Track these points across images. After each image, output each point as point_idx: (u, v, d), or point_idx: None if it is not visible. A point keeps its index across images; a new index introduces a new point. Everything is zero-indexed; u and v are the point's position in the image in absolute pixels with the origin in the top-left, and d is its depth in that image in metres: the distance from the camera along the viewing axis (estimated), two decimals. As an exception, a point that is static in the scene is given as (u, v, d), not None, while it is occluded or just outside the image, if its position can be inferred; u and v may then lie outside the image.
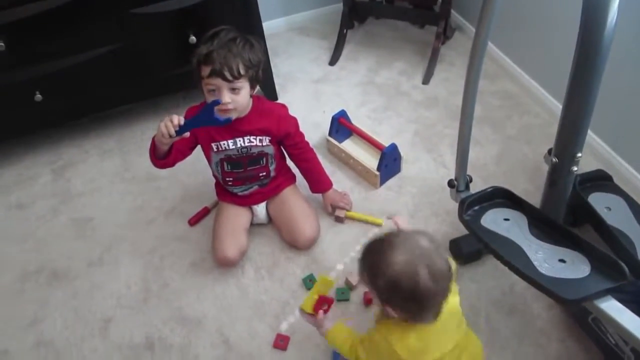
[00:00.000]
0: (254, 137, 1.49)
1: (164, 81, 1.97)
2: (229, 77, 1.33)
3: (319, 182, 1.68)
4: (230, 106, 1.37)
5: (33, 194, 1.89)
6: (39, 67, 1.76)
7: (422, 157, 1.89)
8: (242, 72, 1.34)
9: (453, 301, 1.05)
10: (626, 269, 1.08)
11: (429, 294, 0.95)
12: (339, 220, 1.69)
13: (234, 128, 1.46)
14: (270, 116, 1.50)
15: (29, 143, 2.05)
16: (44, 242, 1.73)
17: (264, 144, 1.51)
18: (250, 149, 1.51)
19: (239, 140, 1.49)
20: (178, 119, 1.28)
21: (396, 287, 0.95)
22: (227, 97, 1.35)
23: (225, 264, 1.57)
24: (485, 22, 1.14)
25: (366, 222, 1.69)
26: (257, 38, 1.42)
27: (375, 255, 1.00)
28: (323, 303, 1.27)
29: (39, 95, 1.78)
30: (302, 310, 1.29)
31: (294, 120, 1.58)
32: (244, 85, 1.37)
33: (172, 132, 1.28)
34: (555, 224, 1.26)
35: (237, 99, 1.38)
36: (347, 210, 1.69)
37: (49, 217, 1.81)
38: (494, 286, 1.49)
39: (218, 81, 1.33)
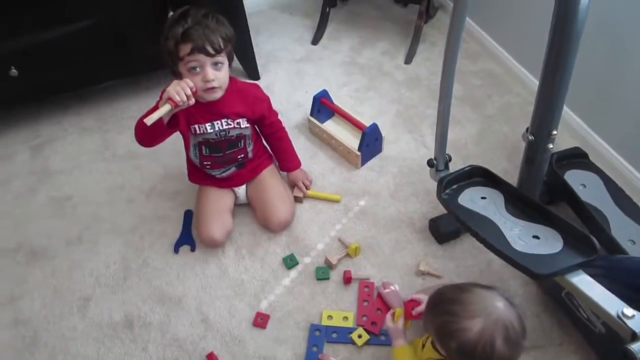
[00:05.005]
0: (231, 119, 1.48)
1: (144, 58, 1.94)
2: (212, 52, 1.31)
3: (288, 161, 1.69)
4: (215, 84, 1.36)
5: (10, 172, 1.86)
6: (14, 41, 1.71)
7: (403, 137, 1.89)
8: (222, 46, 1.33)
9: None
10: (596, 243, 1.10)
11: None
12: (297, 200, 1.69)
13: (211, 110, 1.44)
14: (246, 98, 1.49)
15: (6, 120, 2.01)
16: (22, 220, 1.71)
17: (242, 126, 1.50)
18: (229, 132, 1.49)
19: (217, 124, 1.47)
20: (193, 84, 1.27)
21: (470, 354, 0.92)
22: (211, 73, 1.34)
23: (211, 245, 1.57)
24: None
25: (325, 199, 1.70)
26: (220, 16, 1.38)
27: (447, 316, 0.95)
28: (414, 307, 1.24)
29: (14, 70, 1.74)
30: (393, 315, 1.28)
31: (267, 100, 1.58)
32: (224, 60, 1.36)
33: (189, 93, 1.25)
34: (530, 201, 1.27)
35: (220, 75, 1.36)
36: (306, 190, 1.69)
37: (27, 196, 1.78)
38: (472, 264, 1.52)
39: (201, 57, 1.31)
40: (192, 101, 1.28)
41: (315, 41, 2.30)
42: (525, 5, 1.90)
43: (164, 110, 1.25)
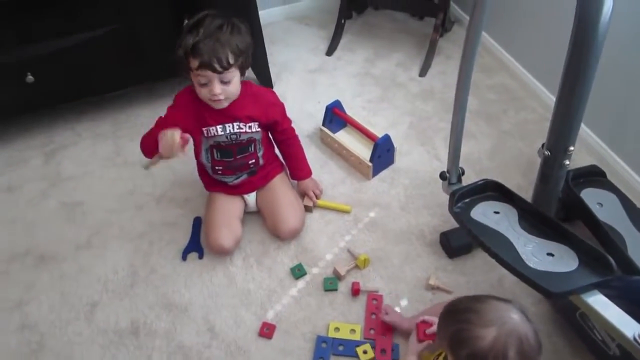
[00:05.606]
0: (243, 123, 1.48)
1: (159, 66, 1.94)
2: (219, 69, 1.31)
3: (299, 169, 1.67)
4: (221, 97, 1.36)
5: (23, 177, 1.87)
6: (31, 48, 1.74)
7: (416, 150, 1.87)
8: (231, 61, 1.32)
9: None
10: (613, 263, 1.07)
11: None
12: (307, 209, 1.67)
13: (223, 113, 1.44)
14: (259, 102, 1.49)
15: (21, 125, 2.03)
16: (33, 225, 1.72)
17: (253, 130, 1.50)
18: (240, 136, 1.49)
19: (228, 127, 1.47)
20: (183, 136, 1.33)
21: None
22: (217, 88, 1.34)
23: (220, 253, 1.56)
24: (479, 9, 1.12)
25: (335, 210, 1.68)
26: (241, 20, 1.38)
27: (461, 324, 0.93)
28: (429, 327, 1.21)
29: (31, 77, 1.76)
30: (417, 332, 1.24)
31: (281, 106, 1.57)
32: (234, 75, 1.36)
33: (178, 148, 1.32)
34: (545, 217, 1.24)
35: (228, 88, 1.37)
36: (316, 200, 1.68)
37: (38, 201, 1.79)
38: (483, 280, 1.48)
39: (208, 73, 1.31)
40: (183, 152, 1.34)
41: (329, 52, 2.30)
42: (542, 20, 1.88)
43: (156, 160, 1.40)
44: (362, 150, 1.78)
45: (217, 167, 1.56)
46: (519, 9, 1.99)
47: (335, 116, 1.87)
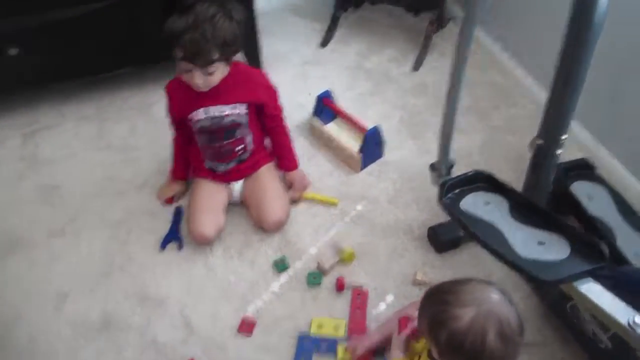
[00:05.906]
0: (226, 105, 1.43)
1: (152, 48, 1.87)
2: (201, 64, 1.29)
3: (286, 160, 1.63)
4: (201, 86, 1.35)
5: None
6: (19, 18, 1.67)
7: (406, 144, 1.83)
8: (214, 57, 1.30)
9: None
10: (606, 250, 1.03)
11: (495, 358, 0.85)
12: (293, 201, 1.62)
13: (207, 96, 1.41)
14: (247, 83, 1.45)
15: (4, 104, 1.96)
16: (5, 207, 1.65)
17: (237, 112, 1.45)
18: (223, 119, 1.45)
19: (212, 109, 1.43)
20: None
21: (459, 346, 0.86)
22: (197, 78, 1.33)
23: (201, 242, 1.51)
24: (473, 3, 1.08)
25: (321, 202, 1.64)
26: (236, 4, 1.35)
27: (439, 305, 0.90)
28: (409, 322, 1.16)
29: (14, 49, 1.69)
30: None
31: (271, 89, 1.53)
32: (217, 67, 1.33)
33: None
34: (536, 207, 1.20)
35: (211, 78, 1.35)
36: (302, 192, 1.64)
37: (13, 182, 1.72)
38: (471, 274, 1.41)
39: (189, 65, 1.30)
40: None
41: (323, 44, 2.27)
42: (536, 17, 1.86)
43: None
44: (351, 143, 1.73)
45: (207, 152, 1.53)
46: (512, 5, 1.97)
47: (325, 108, 1.82)
